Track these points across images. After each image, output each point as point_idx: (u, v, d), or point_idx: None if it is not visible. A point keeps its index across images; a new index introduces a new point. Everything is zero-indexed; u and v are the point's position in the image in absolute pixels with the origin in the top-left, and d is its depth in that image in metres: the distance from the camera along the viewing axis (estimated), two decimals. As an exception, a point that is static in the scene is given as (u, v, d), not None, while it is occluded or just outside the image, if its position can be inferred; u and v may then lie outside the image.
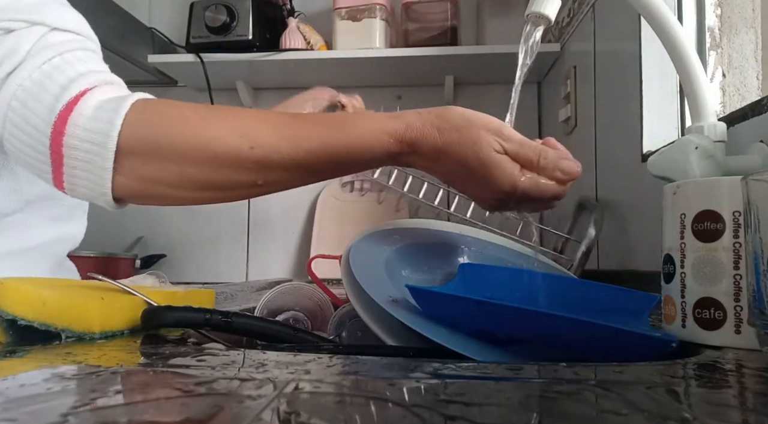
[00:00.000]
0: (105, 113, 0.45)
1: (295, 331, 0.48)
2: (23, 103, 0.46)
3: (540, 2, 0.57)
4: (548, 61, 1.35)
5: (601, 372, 0.32)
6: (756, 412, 0.26)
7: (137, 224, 1.56)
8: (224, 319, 0.45)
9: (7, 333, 0.41)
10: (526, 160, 0.49)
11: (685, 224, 0.43)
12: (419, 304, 0.46)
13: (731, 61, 0.78)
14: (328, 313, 0.64)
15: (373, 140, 0.49)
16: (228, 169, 0.47)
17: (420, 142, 0.49)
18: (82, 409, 0.24)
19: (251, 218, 1.59)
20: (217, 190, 0.50)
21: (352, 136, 0.49)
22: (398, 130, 0.49)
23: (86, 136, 0.44)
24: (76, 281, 0.57)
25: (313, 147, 0.48)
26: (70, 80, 0.46)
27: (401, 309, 0.45)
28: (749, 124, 0.58)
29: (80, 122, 0.44)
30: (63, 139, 0.44)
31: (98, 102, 0.46)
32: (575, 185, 0.52)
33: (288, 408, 0.24)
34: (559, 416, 0.25)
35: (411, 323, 0.42)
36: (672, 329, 0.44)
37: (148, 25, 1.51)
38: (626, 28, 0.89)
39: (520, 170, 0.49)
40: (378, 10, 1.33)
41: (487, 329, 0.44)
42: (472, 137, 0.48)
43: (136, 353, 0.38)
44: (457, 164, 0.49)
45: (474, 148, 0.48)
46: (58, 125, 0.44)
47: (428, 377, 0.31)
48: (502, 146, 0.48)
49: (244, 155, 0.47)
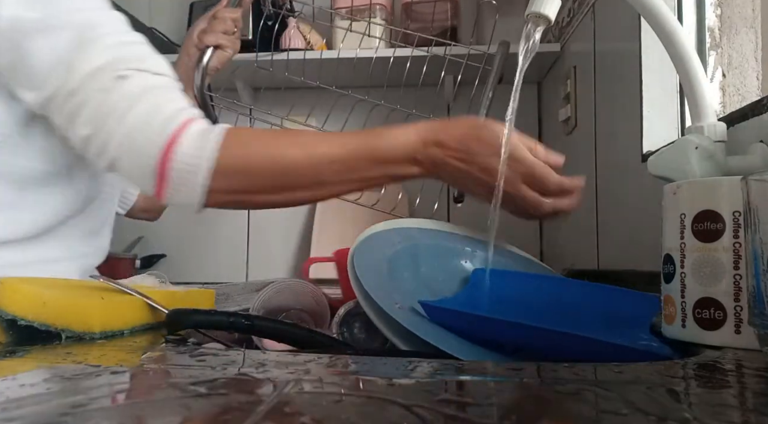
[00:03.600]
0: (201, 142, 0.57)
1: (311, 333, 0.50)
2: (138, 133, 0.57)
3: (540, 2, 0.57)
4: (548, 61, 1.35)
5: (601, 372, 0.32)
6: (756, 412, 0.26)
7: (137, 224, 1.55)
8: (246, 322, 0.48)
9: (7, 333, 0.41)
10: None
11: (685, 224, 0.42)
12: (430, 317, 0.46)
13: (731, 61, 0.78)
14: (325, 310, 0.64)
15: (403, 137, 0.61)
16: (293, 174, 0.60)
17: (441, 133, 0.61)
18: (82, 409, 0.24)
19: (251, 218, 1.59)
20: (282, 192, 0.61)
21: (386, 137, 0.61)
22: (421, 126, 0.61)
23: (188, 160, 0.56)
24: (76, 281, 0.57)
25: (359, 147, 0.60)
26: (173, 116, 0.58)
27: (408, 315, 0.46)
28: (749, 124, 0.58)
29: (183, 150, 0.56)
30: (170, 164, 0.56)
31: (196, 134, 0.57)
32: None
33: (288, 408, 0.24)
34: (559, 416, 0.25)
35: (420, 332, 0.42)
36: (672, 329, 0.44)
37: (148, 25, 1.51)
38: (626, 28, 0.89)
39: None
40: (378, 10, 1.33)
41: (495, 340, 0.45)
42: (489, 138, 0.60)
43: (136, 353, 0.38)
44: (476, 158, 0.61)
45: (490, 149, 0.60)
46: (167, 152, 0.56)
47: (428, 377, 0.31)
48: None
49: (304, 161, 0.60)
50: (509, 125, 0.58)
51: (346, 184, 0.62)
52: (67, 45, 0.56)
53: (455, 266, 0.64)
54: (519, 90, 0.58)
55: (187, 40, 0.95)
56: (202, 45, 0.91)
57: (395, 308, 0.46)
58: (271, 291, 0.63)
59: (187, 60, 0.93)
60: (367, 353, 0.50)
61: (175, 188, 0.57)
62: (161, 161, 0.56)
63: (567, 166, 0.63)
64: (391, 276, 0.55)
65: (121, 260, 1.39)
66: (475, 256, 0.66)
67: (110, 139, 0.57)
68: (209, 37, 0.90)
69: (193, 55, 0.92)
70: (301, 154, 0.60)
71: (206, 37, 0.90)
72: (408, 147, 0.60)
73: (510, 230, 0.68)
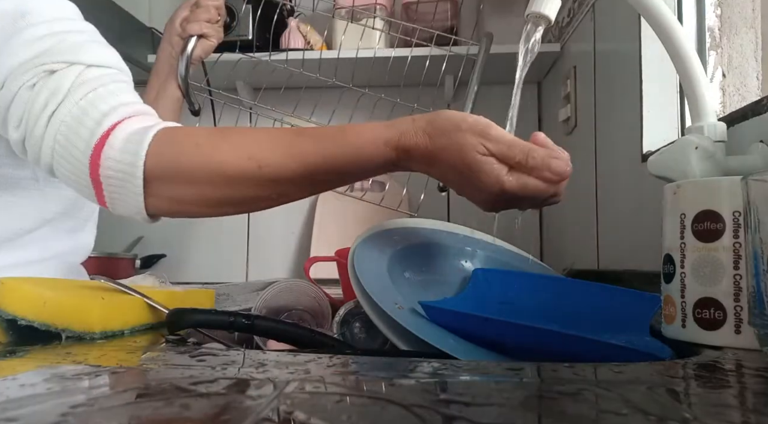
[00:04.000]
0: (131, 146, 0.51)
1: (312, 333, 0.50)
2: (66, 137, 0.52)
3: (540, 2, 0.57)
4: (548, 61, 1.35)
5: (601, 372, 0.32)
6: (756, 412, 0.26)
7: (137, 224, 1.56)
8: (247, 322, 0.48)
9: (7, 333, 0.41)
10: (513, 160, 0.48)
11: (685, 224, 0.42)
12: (431, 318, 0.47)
13: (731, 61, 0.78)
14: (327, 309, 0.64)
15: (371, 151, 0.51)
16: (241, 187, 0.53)
17: (413, 149, 0.51)
18: (82, 409, 0.24)
19: (251, 218, 1.59)
20: (235, 206, 0.56)
21: (351, 147, 0.52)
22: (393, 138, 0.51)
23: (117, 167, 0.51)
24: (76, 281, 0.57)
25: (317, 161, 0.52)
26: (103, 115, 0.52)
27: (408, 316, 0.46)
28: (749, 124, 0.58)
29: (111, 155, 0.51)
30: (99, 171, 0.51)
31: (126, 134, 0.52)
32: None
33: (288, 408, 0.24)
34: (559, 416, 0.25)
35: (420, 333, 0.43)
36: (672, 329, 0.44)
37: (148, 25, 1.51)
38: (626, 28, 0.89)
39: (508, 171, 0.49)
40: (378, 10, 1.33)
41: (495, 340, 0.45)
42: (458, 141, 0.49)
43: (136, 353, 0.38)
44: (449, 168, 0.50)
45: (460, 152, 0.49)
46: (95, 158, 0.51)
47: (428, 377, 0.31)
48: (487, 148, 0.48)
49: (254, 175, 0.52)
50: (510, 124, 0.58)
51: (305, 192, 0.56)
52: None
53: (455, 266, 0.64)
54: (520, 90, 0.58)
55: (169, 28, 0.91)
56: (185, 34, 0.88)
57: (395, 308, 0.46)
58: (273, 291, 0.63)
59: (169, 49, 0.90)
60: (367, 353, 0.50)
61: (113, 197, 0.52)
62: (92, 168, 0.51)
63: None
64: (391, 276, 0.55)
65: (121, 260, 1.39)
66: (475, 256, 0.66)
67: (42, 143, 0.52)
68: (193, 26, 0.88)
69: (176, 44, 0.89)
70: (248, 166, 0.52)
71: (190, 26, 0.88)
72: (380, 157, 0.51)
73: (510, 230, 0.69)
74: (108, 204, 0.53)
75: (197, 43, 0.88)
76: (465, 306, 0.55)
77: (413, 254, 0.62)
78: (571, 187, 0.52)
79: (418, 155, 0.51)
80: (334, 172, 0.52)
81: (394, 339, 0.45)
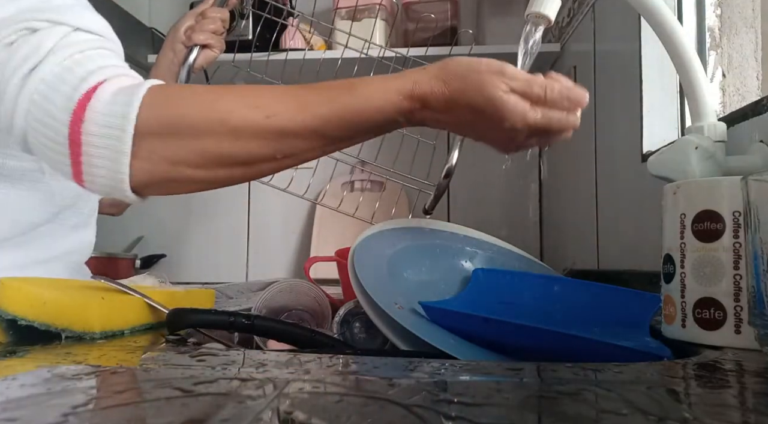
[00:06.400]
0: (123, 97, 0.46)
1: (312, 333, 0.50)
2: (44, 96, 0.46)
3: (540, 2, 0.57)
4: (548, 61, 1.35)
5: (601, 372, 0.32)
6: (756, 412, 0.26)
7: (137, 224, 1.56)
8: (247, 322, 0.47)
9: (7, 333, 0.41)
10: (534, 95, 0.50)
11: (685, 224, 0.42)
12: (431, 318, 0.47)
13: (731, 61, 0.78)
14: (327, 309, 0.64)
15: (383, 100, 0.49)
16: (246, 140, 0.48)
17: (429, 95, 0.50)
18: (82, 409, 0.24)
19: (251, 218, 1.59)
20: (237, 166, 0.50)
21: (361, 97, 0.49)
22: (406, 87, 0.50)
23: (104, 121, 0.45)
24: (76, 281, 0.57)
25: (325, 112, 0.49)
26: (89, 72, 0.47)
27: (408, 316, 0.46)
28: (749, 124, 0.58)
29: (98, 108, 0.45)
30: (82, 126, 0.45)
31: (117, 88, 0.46)
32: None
33: (288, 408, 0.24)
34: (559, 416, 0.25)
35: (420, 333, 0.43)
36: (672, 329, 0.44)
37: (148, 25, 1.51)
38: (626, 28, 0.89)
39: (531, 106, 0.50)
40: (378, 10, 1.33)
41: (495, 340, 0.45)
42: (478, 82, 0.49)
43: (136, 353, 0.38)
44: (467, 112, 0.50)
45: (481, 92, 0.49)
46: (77, 112, 0.45)
47: (428, 377, 0.31)
48: (509, 85, 0.49)
49: (261, 125, 0.48)
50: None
51: (313, 151, 0.51)
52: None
53: (455, 266, 0.64)
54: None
55: (173, 36, 0.92)
56: (190, 43, 0.89)
57: (395, 308, 0.46)
58: (273, 291, 0.63)
59: (171, 55, 0.91)
60: (367, 353, 0.50)
61: (92, 162, 0.46)
62: (73, 125, 0.45)
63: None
64: (391, 276, 0.55)
65: (121, 260, 1.39)
66: (475, 256, 0.66)
67: (15, 105, 0.47)
68: (199, 36, 0.89)
69: (179, 51, 0.90)
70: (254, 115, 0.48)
71: (195, 36, 0.89)
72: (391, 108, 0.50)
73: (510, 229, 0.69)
74: (84, 173, 0.46)
75: (200, 53, 0.90)
76: (465, 306, 0.55)
77: (413, 254, 0.62)
78: (572, 187, 0.52)
79: (435, 102, 0.50)
80: (343, 125, 0.49)
81: (394, 339, 0.45)
